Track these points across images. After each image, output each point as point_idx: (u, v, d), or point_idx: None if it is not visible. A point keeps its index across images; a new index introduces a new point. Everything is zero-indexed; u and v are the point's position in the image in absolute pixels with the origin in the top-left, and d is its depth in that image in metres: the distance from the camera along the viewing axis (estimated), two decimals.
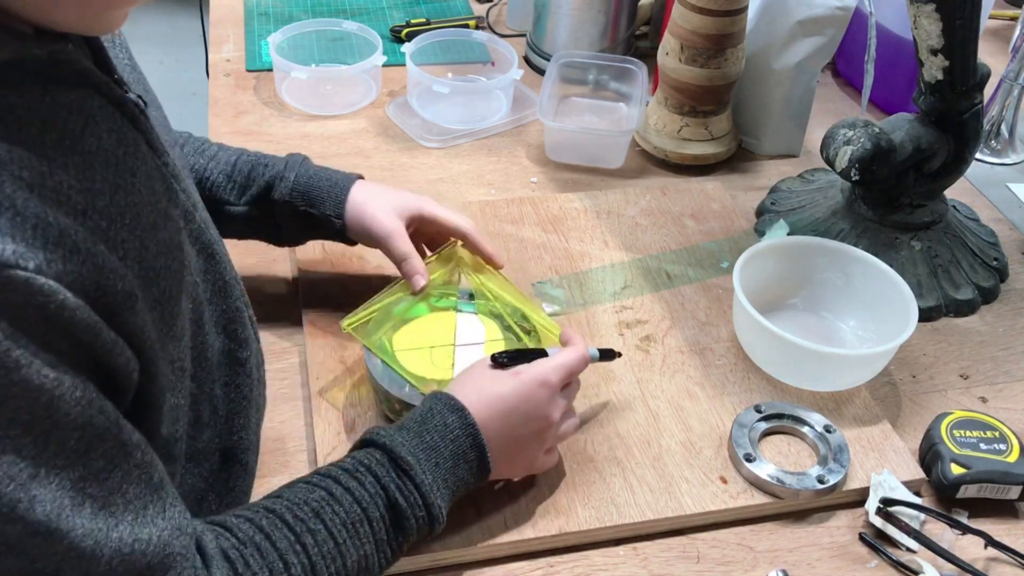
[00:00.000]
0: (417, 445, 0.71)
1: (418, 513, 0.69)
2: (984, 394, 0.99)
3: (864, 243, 1.09)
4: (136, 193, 0.57)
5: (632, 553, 0.81)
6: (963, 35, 1.00)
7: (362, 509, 0.67)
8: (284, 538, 0.63)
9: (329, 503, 0.66)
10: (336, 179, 0.93)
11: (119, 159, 0.57)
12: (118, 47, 0.68)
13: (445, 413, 0.73)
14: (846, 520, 0.85)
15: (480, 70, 1.45)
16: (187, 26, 3.41)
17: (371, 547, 0.67)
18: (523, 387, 0.76)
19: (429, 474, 0.70)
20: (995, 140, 1.37)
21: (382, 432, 0.71)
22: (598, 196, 1.19)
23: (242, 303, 0.75)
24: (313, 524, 0.64)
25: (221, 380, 0.72)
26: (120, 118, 0.59)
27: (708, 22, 1.18)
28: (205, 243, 0.69)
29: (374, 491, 0.68)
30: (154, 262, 0.58)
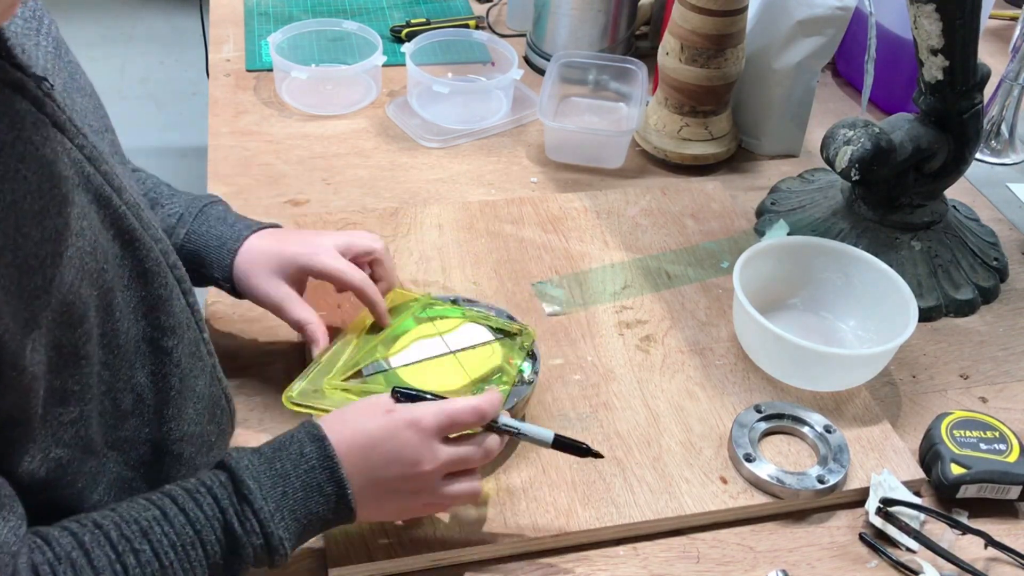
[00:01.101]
0: (265, 471, 0.67)
1: (255, 541, 0.65)
2: (984, 394, 0.99)
3: (864, 243, 1.09)
4: (19, 180, 0.56)
5: (632, 553, 0.81)
6: (963, 35, 1.00)
7: (195, 532, 0.63)
8: (104, 555, 0.60)
9: (160, 523, 0.63)
10: (226, 238, 0.87)
11: (4, 145, 0.56)
12: (42, 34, 0.68)
13: (304, 442, 0.69)
14: (846, 520, 0.85)
15: (480, 70, 1.45)
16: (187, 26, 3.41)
17: (202, 571, 0.64)
18: (390, 424, 0.71)
19: (272, 502, 0.66)
20: (995, 140, 1.37)
21: (233, 454, 0.68)
22: (598, 196, 1.19)
23: (169, 291, 0.72)
24: (139, 543, 0.61)
25: (145, 368, 0.71)
26: (19, 100, 0.59)
27: (708, 22, 1.18)
28: (124, 228, 0.67)
29: (212, 513, 0.64)
30: (36, 250, 0.57)
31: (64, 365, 0.62)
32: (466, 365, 0.86)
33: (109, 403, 0.68)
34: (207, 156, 1.24)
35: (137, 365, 0.70)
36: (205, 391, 0.77)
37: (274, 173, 1.22)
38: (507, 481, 0.83)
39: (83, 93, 0.71)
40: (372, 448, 0.70)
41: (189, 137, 2.81)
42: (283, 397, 0.81)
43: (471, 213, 1.14)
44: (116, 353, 0.67)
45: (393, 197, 1.19)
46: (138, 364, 0.70)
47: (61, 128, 0.62)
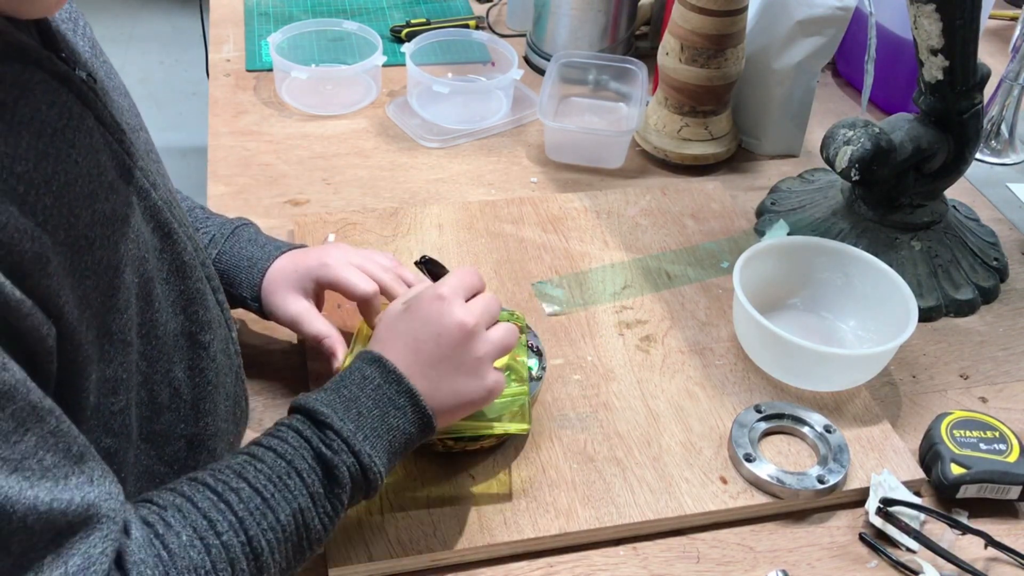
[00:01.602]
0: (335, 399, 0.69)
1: (347, 460, 0.67)
2: (984, 394, 0.99)
3: (864, 243, 1.09)
4: (71, 163, 0.58)
5: (632, 553, 0.81)
6: (963, 35, 1.00)
7: (287, 462, 0.65)
8: (206, 499, 0.62)
9: (251, 462, 0.65)
10: (256, 259, 0.89)
11: (56, 130, 0.58)
12: (79, 35, 0.70)
13: (362, 367, 0.72)
14: (846, 520, 0.85)
15: (480, 70, 1.45)
16: (187, 26, 3.41)
17: (305, 500, 0.65)
18: (417, 311, 0.74)
19: (351, 423, 0.68)
20: (995, 140, 1.37)
21: (300, 397, 0.70)
22: (598, 196, 1.20)
23: (205, 285, 0.74)
24: (236, 483, 0.63)
25: (183, 363, 0.72)
26: (66, 93, 0.60)
27: (708, 22, 1.18)
28: (162, 222, 0.69)
29: (297, 444, 0.66)
30: (87, 231, 0.59)
31: (115, 352, 0.63)
32: None
33: (146, 395, 0.68)
34: (207, 156, 1.24)
35: (175, 359, 0.71)
36: (232, 389, 0.78)
37: (274, 173, 1.22)
38: (507, 481, 0.83)
39: (119, 92, 0.73)
40: (420, 340, 0.73)
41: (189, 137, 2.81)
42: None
43: (471, 213, 1.14)
44: (154, 345, 0.68)
45: (393, 197, 1.19)
46: (176, 358, 0.71)
47: (103, 122, 0.64)
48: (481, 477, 0.83)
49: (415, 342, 0.73)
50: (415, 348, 0.73)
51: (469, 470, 0.84)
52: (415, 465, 0.84)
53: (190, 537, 0.60)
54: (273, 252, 0.90)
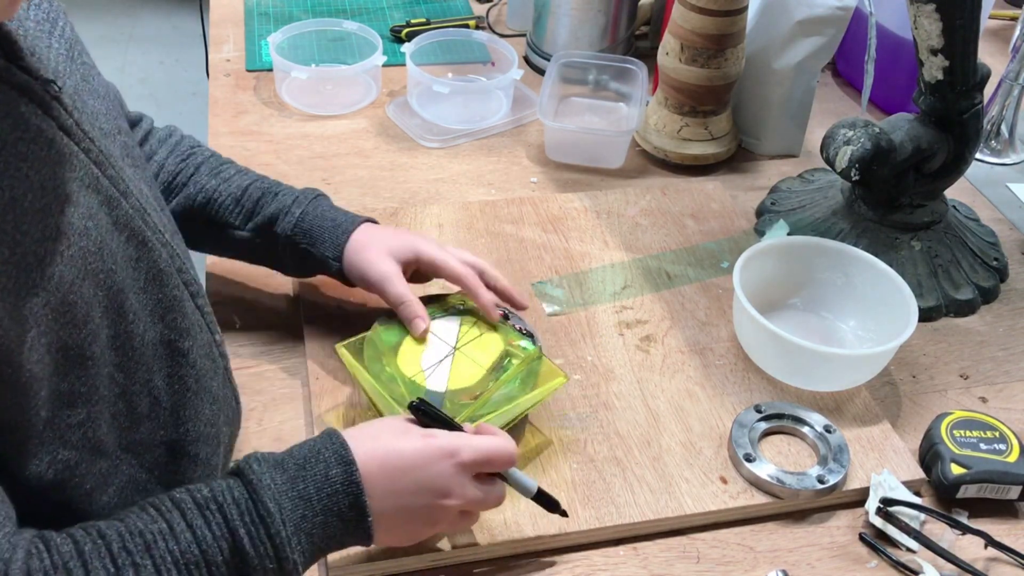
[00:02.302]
0: (287, 492, 0.65)
1: (268, 565, 0.63)
2: (984, 394, 0.99)
3: (864, 243, 1.09)
4: (19, 178, 0.57)
5: (632, 553, 0.81)
6: (963, 35, 1.00)
7: (200, 551, 0.61)
8: (103, 568, 0.58)
9: (166, 537, 0.61)
10: (340, 221, 0.92)
11: (6, 143, 0.57)
12: (55, 37, 0.69)
13: (331, 463, 0.67)
14: (846, 520, 0.85)
15: (480, 70, 1.45)
16: (187, 26, 3.41)
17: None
18: (427, 450, 0.70)
19: (290, 525, 0.64)
20: (995, 140, 1.37)
21: (255, 466, 0.66)
22: (598, 196, 1.20)
23: (183, 292, 0.73)
24: (140, 558, 0.60)
25: (162, 371, 0.71)
26: (25, 103, 0.59)
27: (708, 22, 1.18)
28: (135, 230, 0.68)
29: (219, 533, 0.62)
30: (36, 247, 0.58)
31: (70, 367, 0.62)
32: (475, 358, 0.86)
33: (123, 406, 0.67)
34: None
35: (155, 368, 0.70)
36: (219, 392, 0.78)
37: (274, 173, 1.20)
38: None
39: (95, 95, 0.72)
40: (404, 472, 0.69)
41: None
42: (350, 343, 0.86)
43: (471, 213, 1.14)
44: (131, 356, 0.67)
45: (393, 197, 1.19)
46: (155, 367, 0.70)
47: (67, 132, 0.63)
48: None
49: (400, 472, 0.69)
50: (394, 476, 0.69)
51: None
52: None
53: None
54: (357, 219, 0.92)
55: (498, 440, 0.74)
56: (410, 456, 0.70)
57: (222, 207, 0.92)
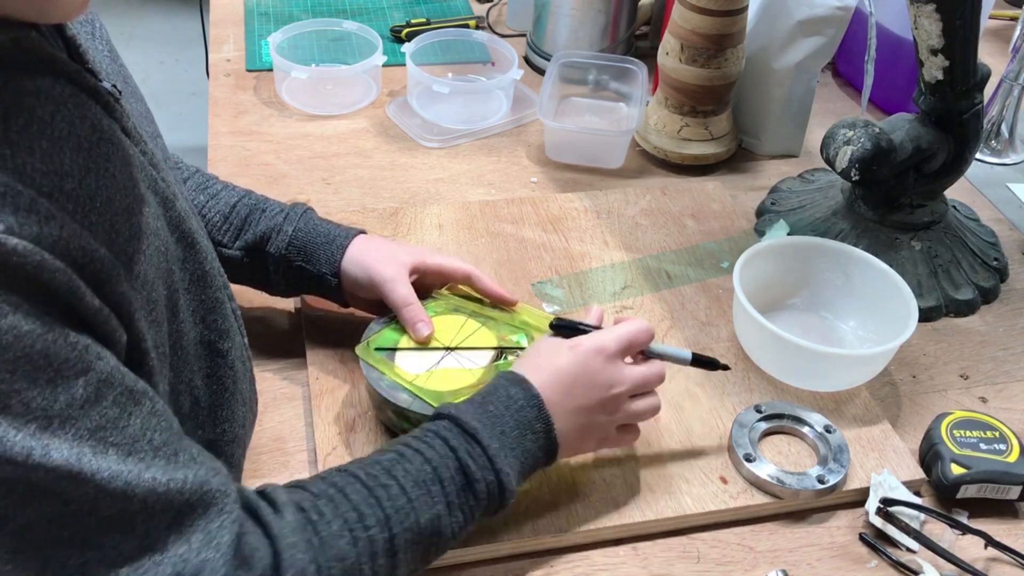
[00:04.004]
0: (482, 414, 0.72)
1: (488, 477, 0.70)
2: (984, 394, 0.99)
3: (864, 243, 1.09)
4: (109, 177, 0.58)
5: (632, 553, 0.81)
6: (963, 35, 1.00)
7: (432, 468, 0.68)
8: (357, 492, 0.64)
9: (400, 462, 0.67)
10: (334, 235, 0.91)
11: (92, 144, 0.58)
12: (97, 39, 0.70)
13: (507, 386, 0.74)
14: (846, 520, 0.85)
15: (480, 70, 1.45)
16: (187, 26, 3.41)
17: (443, 507, 0.67)
18: (580, 356, 0.77)
19: (495, 440, 0.71)
20: (995, 140, 1.37)
21: (448, 406, 0.73)
22: (598, 196, 1.19)
23: (223, 294, 0.74)
24: (385, 480, 0.66)
25: (202, 371, 0.72)
26: (94, 106, 0.60)
27: (708, 22, 1.18)
28: (185, 232, 0.69)
29: (444, 452, 0.69)
30: (127, 246, 0.59)
31: (161, 366, 0.63)
32: (471, 356, 0.87)
33: (172, 405, 0.68)
34: (207, 156, 1.24)
35: (195, 368, 0.71)
36: (249, 395, 0.79)
37: (274, 173, 1.22)
38: None
39: (135, 98, 0.73)
40: (572, 383, 0.76)
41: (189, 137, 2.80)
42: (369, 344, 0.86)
43: (471, 213, 1.14)
44: (179, 355, 0.68)
45: (393, 197, 1.19)
46: (196, 367, 0.71)
47: (128, 134, 0.64)
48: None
49: (568, 383, 0.76)
50: (565, 387, 0.76)
51: None
52: None
53: (340, 527, 0.62)
54: (351, 231, 0.92)
55: (632, 323, 0.80)
56: (567, 367, 0.76)
57: (210, 223, 0.91)
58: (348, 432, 0.86)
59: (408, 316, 0.88)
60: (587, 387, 0.76)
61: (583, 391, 0.76)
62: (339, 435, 0.86)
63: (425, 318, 0.88)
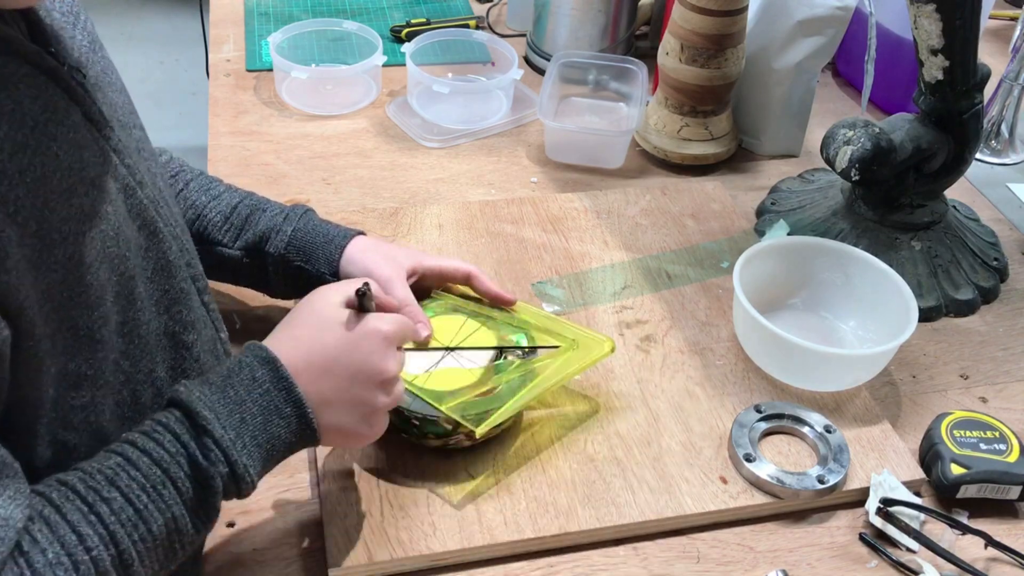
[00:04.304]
0: (219, 400, 0.66)
1: (223, 471, 0.64)
2: (984, 394, 0.99)
3: (864, 243, 1.09)
4: (51, 156, 0.59)
5: (632, 553, 0.81)
6: (963, 35, 1.00)
7: (162, 470, 0.63)
8: (76, 510, 0.59)
9: (125, 468, 0.62)
10: (333, 235, 0.91)
11: (38, 123, 0.59)
12: (79, 29, 0.71)
13: (255, 366, 0.68)
14: (846, 520, 0.85)
15: (480, 70, 1.45)
16: (187, 26, 3.41)
17: (179, 508, 0.63)
18: (351, 338, 0.71)
19: (231, 430, 0.65)
20: (995, 140, 1.37)
21: (182, 389, 0.66)
22: (598, 196, 1.20)
23: (190, 286, 0.74)
24: (107, 492, 0.60)
25: (165, 362, 0.71)
26: (53, 87, 0.61)
27: (708, 22, 1.18)
28: (148, 220, 0.69)
29: (174, 450, 0.63)
30: (61, 225, 0.59)
31: (79, 348, 0.63)
32: (470, 356, 0.87)
33: (128, 395, 0.68)
34: (207, 156, 1.24)
35: (158, 359, 0.70)
36: None
37: (274, 173, 1.22)
38: (507, 481, 0.83)
39: (114, 89, 0.73)
40: (334, 362, 0.70)
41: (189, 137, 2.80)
42: None
43: (471, 213, 1.14)
44: (137, 344, 0.68)
45: (393, 197, 1.19)
46: (159, 358, 0.71)
47: (90, 118, 0.65)
48: (480, 476, 0.83)
49: (331, 358, 0.70)
50: (326, 364, 0.70)
51: (468, 469, 0.84)
52: (415, 465, 0.84)
53: (56, 554, 0.57)
54: (350, 232, 0.92)
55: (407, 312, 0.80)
56: (335, 346, 0.70)
57: (211, 223, 0.92)
58: None
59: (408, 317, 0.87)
60: (353, 371, 0.70)
61: (348, 375, 0.70)
62: None
63: (424, 319, 0.87)
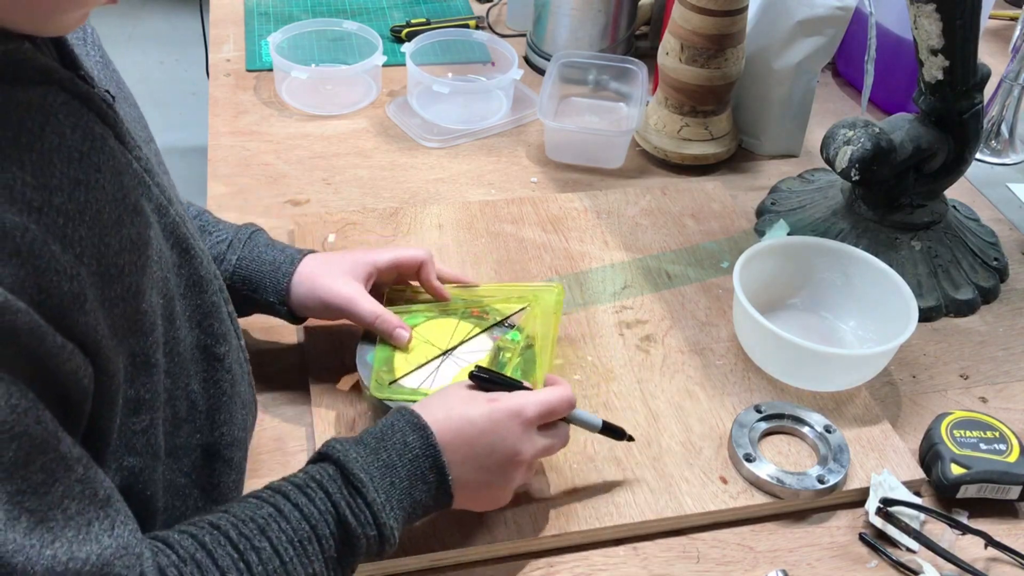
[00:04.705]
0: (372, 462, 0.69)
1: (369, 532, 0.66)
2: (984, 394, 0.99)
3: (864, 243, 1.09)
4: (99, 189, 0.57)
5: (632, 553, 0.81)
6: (963, 35, 1.00)
7: (311, 526, 0.65)
8: (227, 555, 0.61)
9: (276, 519, 0.64)
10: (279, 262, 0.89)
11: (83, 155, 0.57)
12: (89, 44, 0.69)
13: (406, 431, 0.71)
14: (846, 520, 0.85)
15: (480, 70, 1.45)
16: (187, 26, 3.41)
17: (320, 565, 0.65)
18: (495, 414, 0.73)
19: (382, 493, 0.68)
20: (995, 140, 1.37)
21: (337, 446, 0.69)
22: (598, 196, 1.19)
23: (219, 298, 0.74)
24: (258, 541, 0.62)
25: (198, 376, 0.71)
26: (87, 113, 0.59)
27: (708, 22, 1.18)
28: (180, 237, 0.69)
29: (324, 508, 0.66)
30: (116, 259, 0.58)
31: (137, 374, 0.62)
32: (469, 358, 0.87)
33: (169, 411, 0.68)
34: (207, 156, 1.24)
35: (192, 372, 0.70)
36: (246, 398, 0.78)
37: (274, 173, 1.22)
38: None
39: (128, 103, 0.72)
40: (477, 437, 0.72)
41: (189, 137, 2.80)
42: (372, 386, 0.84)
43: (471, 213, 1.14)
44: (176, 361, 0.68)
45: (393, 197, 1.19)
46: (193, 371, 0.70)
47: (122, 140, 0.63)
48: None
49: (474, 436, 0.72)
50: (469, 440, 0.72)
51: None
52: None
53: None
54: (295, 255, 0.90)
55: (557, 390, 0.77)
56: (480, 422, 0.72)
57: None
58: (348, 432, 0.87)
59: (383, 328, 0.87)
60: (492, 448, 0.73)
61: (487, 450, 0.73)
62: (339, 435, 0.86)
63: (399, 323, 0.87)
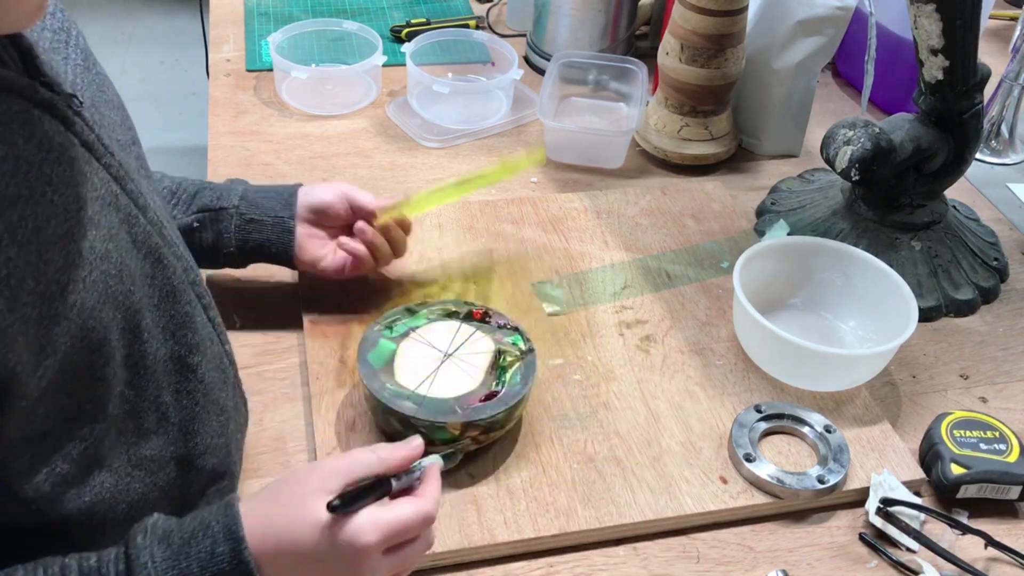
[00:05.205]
0: (168, 570, 0.60)
1: None
2: (984, 394, 0.99)
3: (864, 243, 1.09)
4: (44, 204, 0.55)
5: (632, 553, 0.81)
6: (963, 35, 1.00)
7: None
8: None
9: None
10: (280, 188, 0.97)
11: (32, 166, 0.55)
12: (71, 47, 0.68)
13: (219, 539, 0.61)
14: (846, 520, 0.85)
15: (480, 70, 1.45)
16: (187, 26, 3.41)
17: None
18: (324, 542, 0.62)
19: None
20: (995, 140, 1.37)
21: (139, 539, 0.61)
22: (598, 196, 1.19)
23: (196, 306, 0.72)
24: None
25: (170, 387, 0.70)
26: (48, 121, 0.57)
27: (708, 22, 1.18)
28: (152, 247, 0.67)
29: None
30: (59, 276, 0.56)
31: (78, 387, 0.60)
32: (470, 360, 0.87)
33: (131, 423, 0.66)
34: (207, 156, 1.24)
35: (163, 384, 0.69)
36: (228, 402, 0.77)
37: (274, 173, 1.22)
38: (507, 481, 0.83)
39: (111, 106, 0.70)
40: (301, 565, 0.62)
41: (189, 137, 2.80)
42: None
43: (471, 213, 1.14)
44: (142, 374, 0.66)
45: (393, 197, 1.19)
46: (164, 383, 0.69)
47: (89, 148, 0.61)
48: (480, 476, 0.83)
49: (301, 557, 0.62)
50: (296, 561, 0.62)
51: (468, 469, 0.84)
52: None
53: None
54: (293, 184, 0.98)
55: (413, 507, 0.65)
56: (308, 548, 0.62)
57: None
58: (348, 432, 0.87)
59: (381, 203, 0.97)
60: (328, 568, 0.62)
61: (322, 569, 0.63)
62: (339, 435, 0.86)
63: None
